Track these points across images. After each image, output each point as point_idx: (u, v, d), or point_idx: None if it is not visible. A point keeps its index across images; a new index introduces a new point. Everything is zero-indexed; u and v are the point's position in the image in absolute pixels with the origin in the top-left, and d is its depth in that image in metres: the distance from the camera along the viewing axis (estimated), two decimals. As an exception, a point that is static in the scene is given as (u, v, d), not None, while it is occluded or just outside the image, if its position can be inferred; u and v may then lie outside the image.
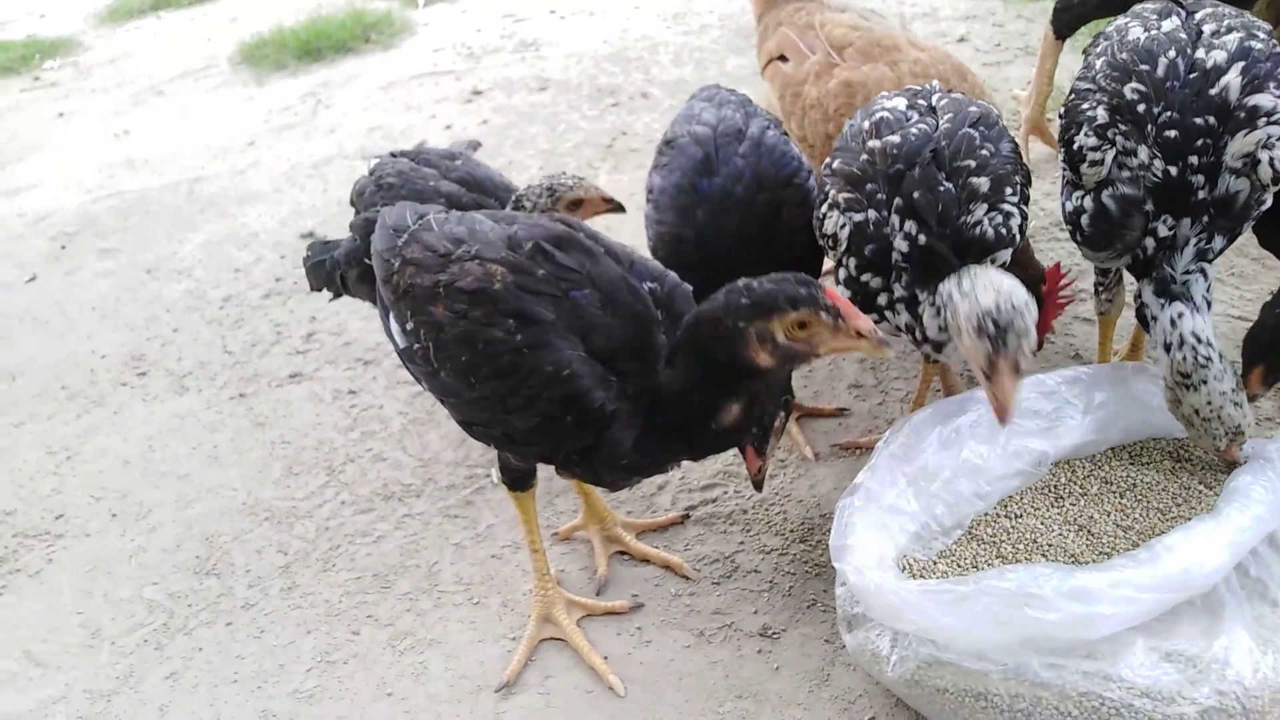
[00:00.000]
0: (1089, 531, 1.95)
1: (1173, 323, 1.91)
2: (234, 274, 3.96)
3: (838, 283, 2.11)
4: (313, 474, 2.86)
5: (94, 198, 4.87)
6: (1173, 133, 1.87)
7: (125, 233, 4.48)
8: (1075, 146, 2.03)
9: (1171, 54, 1.92)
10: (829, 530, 2.28)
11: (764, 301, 1.61)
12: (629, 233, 3.75)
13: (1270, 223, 2.09)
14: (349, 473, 2.84)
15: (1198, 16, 2.00)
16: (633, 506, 2.56)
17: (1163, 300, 1.93)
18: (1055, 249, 3.13)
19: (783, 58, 2.78)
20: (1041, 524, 2.00)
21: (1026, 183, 2.08)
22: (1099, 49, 2.08)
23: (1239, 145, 1.85)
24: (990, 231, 1.93)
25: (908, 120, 2.05)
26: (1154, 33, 1.98)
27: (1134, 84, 1.93)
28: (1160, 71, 1.91)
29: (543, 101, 5.04)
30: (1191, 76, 1.89)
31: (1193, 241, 1.91)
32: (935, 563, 1.98)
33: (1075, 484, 2.07)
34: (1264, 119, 1.84)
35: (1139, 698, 1.64)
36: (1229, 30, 1.93)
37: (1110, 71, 1.98)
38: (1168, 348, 1.92)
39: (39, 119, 6.21)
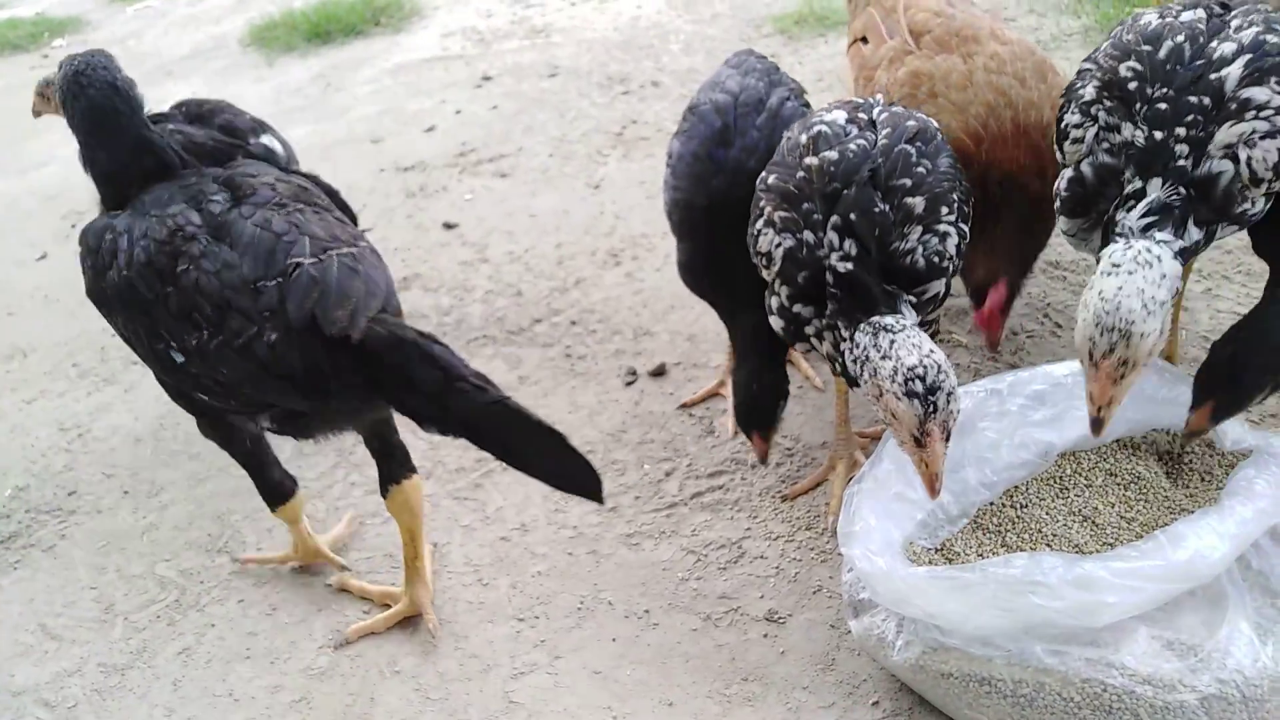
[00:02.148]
0: (1093, 522, 1.98)
1: (1128, 245, 1.75)
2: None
3: (770, 311, 2.06)
4: (323, 455, 2.88)
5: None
6: (1163, 106, 1.82)
7: (135, 213, 4.50)
8: (1061, 125, 2.00)
9: (1180, 39, 1.88)
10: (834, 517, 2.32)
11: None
12: (642, 213, 3.77)
13: (1266, 229, 2.01)
14: (359, 454, 2.86)
15: (1233, 10, 1.95)
16: (641, 492, 2.58)
17: (1121, 237, 1.79)
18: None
19: (864, 39, 2.74)
20: (1047, 514, 2.02)
21: (967, 199, 2.03)
22: (1110, 32, 2.06)
23: (1223, 135, 1.79)
24: (922, 261, 1.88)
25: (846, 135, 1.98)
26: (1168, 19, 1.94)
27: (1131, 62, 1.89)
28: (1162, 54, 1.87)
29: (553, 88, 5.04)
30: (1197, 63, 1.84)
31: (1156, 197, 1.79)
32: (941, 550, 2.00)
33: (1080, 475, 2.09)
34: (1252, 112, 1.78)
35: (1141, 685, 1.67)
36: (1250, 25, 1.88)
37: (1111, 50, 1.96)
38: (1113, 251, 1.76)
39: (48, 98, 6.22)
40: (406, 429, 2.91)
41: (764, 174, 2.07)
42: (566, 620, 2.27)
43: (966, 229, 2.01)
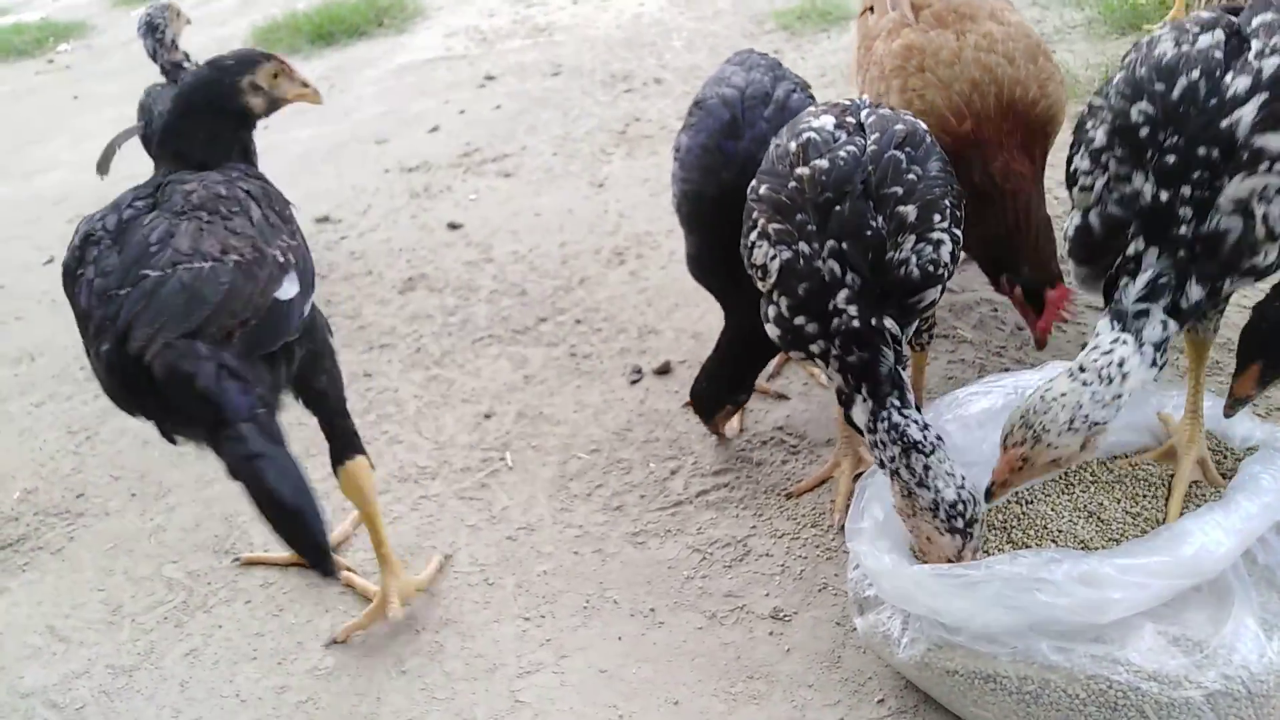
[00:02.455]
0: (1099, 518, 1.97)
1: (1112, 344, 1.71)
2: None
3: (767, 319, 2.02)
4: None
5: (110, 180, 4.89)
6: (1171, 158, 1.71)
7: (141, 216, 4.51)
8: (1071, 168, 1.92)
9: (1195, 75, 1.73)
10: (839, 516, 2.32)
11: (245, 57, 2.21)
12: (646, 211, 3.77)
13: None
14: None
15: (1254, 23, 1.76)
16: (646, 491, 2.59)
17: (1115, 325, 1.74)
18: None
19: (871, 9, 2.75)
20: (1052, 510, 2.02)
21: (958, 204, 2.01)
22: (1126, 60, 1.92)
23: (1234, 189, 1.66)
24: (916, 271, 1.87)
25: (835, 141, 1.95)
26: (1184, 49, 1.77)
27: (1143, 104, 1.76)
28: (1176, 94, 1.73)
29: (556, 87, 5.05)
30: (1211, 103, 1.69)
31: (1153, 273, 1.73)
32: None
33: (1085, 471, 2.09)
34: (1265, 164, 1.64)
35: (1146, 681, 1.66)
36: (1273, 52, 1.70)
37: (1124, 88, 1.82)
38: (1093, 349, 1.73)
39: (54, 102, 6.25)
40: (410, 427, 2.93)
41: (755, 183, 2.05)
42: (572, 619, 2.27)
43: (960, 233, 1.99)
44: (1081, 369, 1.71)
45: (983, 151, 2.34)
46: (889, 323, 1.87)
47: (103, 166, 3.63)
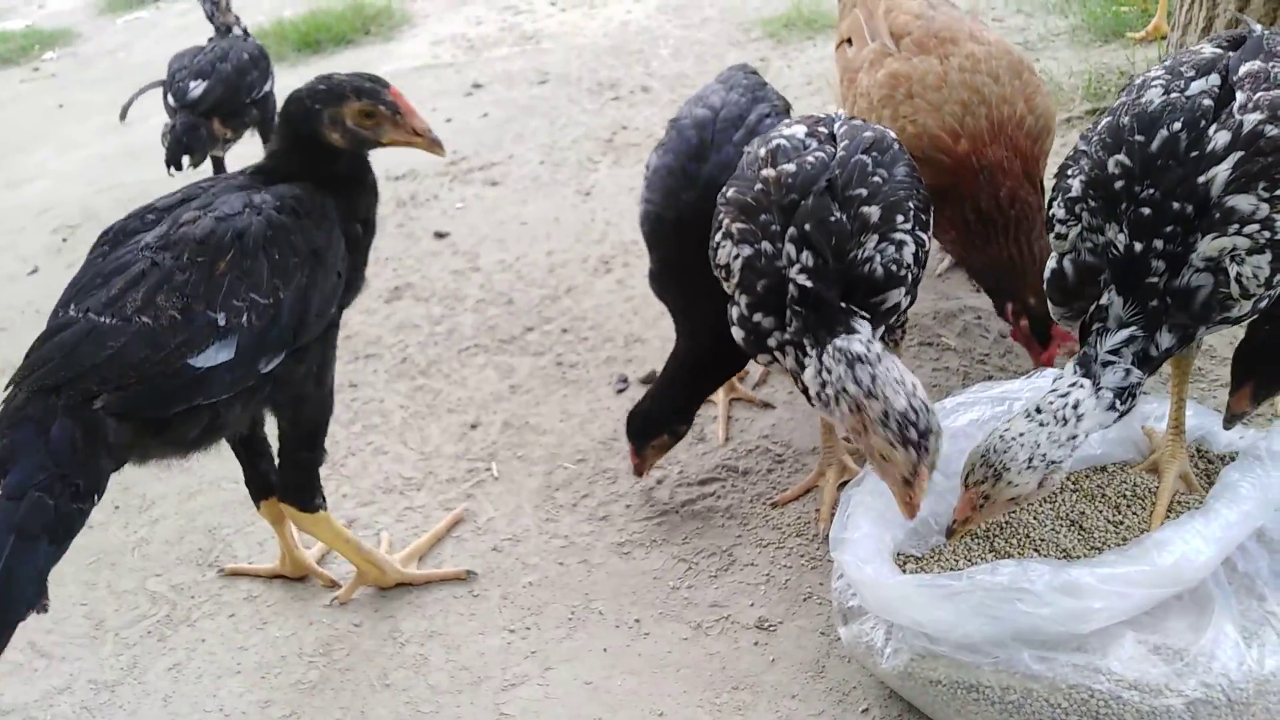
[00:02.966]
0: (1081, 527, 1.98)
1: (1069, 387, 1.73)
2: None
3: (731, 322, 2.04)
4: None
5: (96, 189, 4.89)
6: (1146, 210, 1.71)
7: (126, 225, 4.50)
8: (1050, 213, 1.93)
9: (1177, 127, 1.72)
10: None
11: (336, 89, 1.99)
12: (632, 220, 3.77)
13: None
14: (350, 466, 2.87)
15: (1241, 72, 1.77)
16: (632, 500, 2.59)
17: (1078, 370, 1.76)
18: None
19: (849, 41, 2.76)
20: (1035, 519, 2.02)
21: (925, 209, 2.03)
22: (1117, 103, 1.90)
23: (1206, 248, 1.68)
24: (880, 270, 1.89)
25: (805, 148, 1.99)
26: (1173, 96, 1.77)
27: (1121, 156, 1.76)
28: (1155, 146, 1.73)
29: (543, 95, 5.05)
30: (1191, 155, 1.70)
31: (1125, 331, 1.74)
32: (930, 558, 2.01)
33: (1068, 479, 2.09)
34: (1235, 225, 1.66)
35: (1127, 690, 1.67)
36: (1255, 108, 1.70)
37: (1105, 137, 1.82)
38: (1052, 390, 1.75)
39: (39, 110, 6.22)
40: (396, 438, 2.92)
41: (724, 188, 2.08)
42: (558, 631, 2.27)
43: (926, 238, 2.01)
44: (1039, 409, 1.73)
45: (991, 177, 2.36)
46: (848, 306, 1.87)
47: (123, 115, 4.39)
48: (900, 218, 1.93)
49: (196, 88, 3.93)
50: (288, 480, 2.25)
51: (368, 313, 3.55)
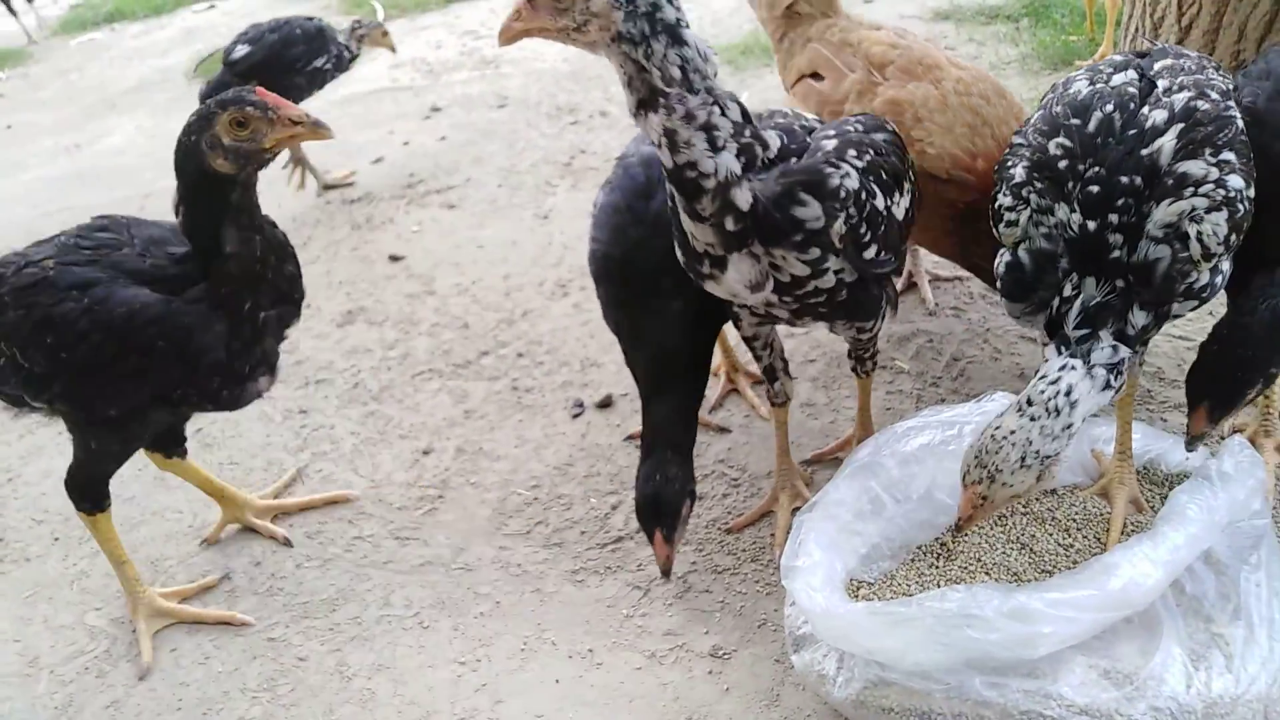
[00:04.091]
0: (1031, 550, 1.98)
1: (1059, 371, 1.72)
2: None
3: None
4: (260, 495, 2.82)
5: (42, 212, 4.78)
6: (1095, 188, 1.75)
7: (73, 249, 4.40)
8: (995, 206, 1.95)
9: (1109, 108, 1.80)
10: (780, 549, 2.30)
11: (203, 112, 1.93)
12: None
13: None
14: (297, 494, 2.80)
15: (1156, 67, 1.88)
16: (587, 527, 2.55)
17: (1061, 350, 1.77)
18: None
19: (815, 75, 2.73)
20: (986, 542, 2.02)
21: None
22: (1044, 100, 1.99)
23: (1162, 214, 1.72)
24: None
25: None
26: (1099, 86, 1.86)
27: (1060, 139, 1.82)
28: (1091, 127, 1.80)
29: (501, 118, 5.05)
30: (1129, 134, 1.76)
31: (1091, 299, 1.75)
32: (882, 583, 2.00)
33: (1019, 503, 2.10)
34: (1191, 188, 1.71)
35: (1078, 715, 1.67)
36: (1180, 89, 1.81)
37: (1040, 125, 1.87)
38: (1040, 378, 1.74)
39: (-14, 132, 6.10)
40: (346, 465, 2.86)
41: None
42: (509, 662, 2.22)
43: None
44: (1029, 402, 1.72)
45: None
46: None
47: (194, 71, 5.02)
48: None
49: (240, 50, 4.22)
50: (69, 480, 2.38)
51: (319, 337, 3.49)
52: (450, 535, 2.60)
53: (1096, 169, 1.76)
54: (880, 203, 1.95)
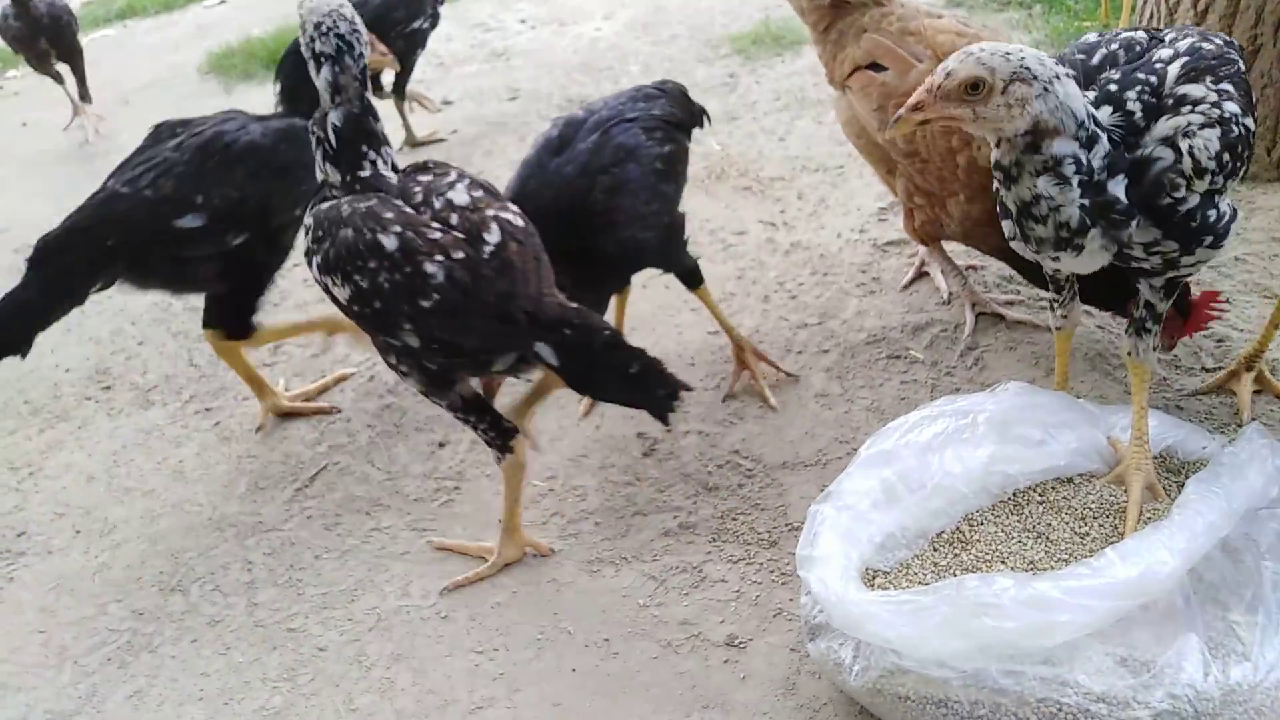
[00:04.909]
0: (1047, 539, 1.98)
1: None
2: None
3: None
4: (279, 488, 2.84)
5: (59, 208, 4.78)
6: (1113, 86, 1.87)
7: (90, 245, 4.43)
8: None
9: (1115, 47, 1.95)
10: (795, 538, 2.31)
11: None
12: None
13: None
14: (316, 486, 2.83)
15: (1160, 32, 2.03)
16: (602, 518, 2.56)
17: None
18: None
19: (874, 66, 2.67)
20: (1002, 532, 2.02)
21: None
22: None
23: (1160, 129, 1.82)
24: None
25: None
26: (1107, 35, 2.02)
27: (1066, 69, 1.87)
28: (1096, 60, 1.95)
29: (513, 111, 5.04)
30: (1139, 59, 1.92)
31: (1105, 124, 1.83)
32: (898, 572, 2.00)
33: (1035, 490, 2.10)
34: (1188, 106, 1.82)
35: (1095, 703, 1.67)
36: (1186, 36, 1.96)
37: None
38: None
39: (2, 129, 6.14)
40: (362, 457, 2.88)
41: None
42: (526, 652, 2.24)
43: None
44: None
45: None
46: None
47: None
48: None
49: None
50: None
51: (335, 331, 3.51)
52: (467, 526, 2.61)
53: (1107, 77, 1.90)
54: None
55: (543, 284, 2.15)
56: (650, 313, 3.29)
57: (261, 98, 5.81)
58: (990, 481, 2.09)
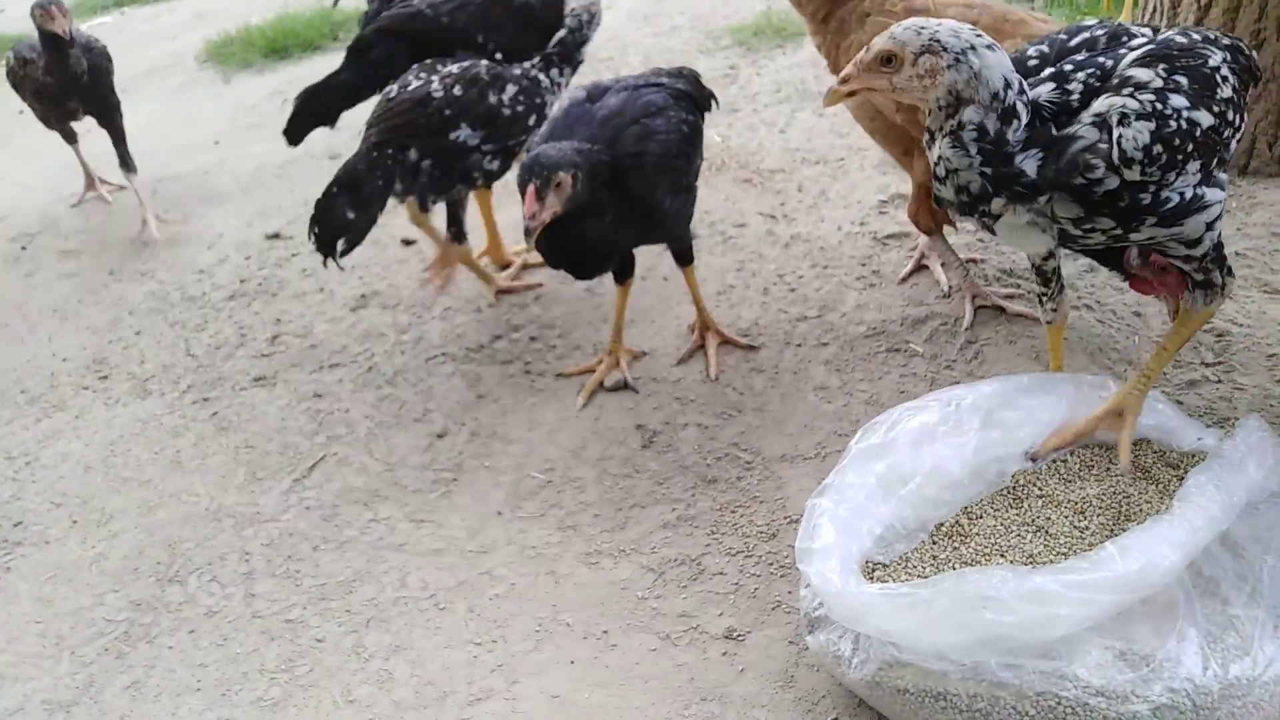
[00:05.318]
0: (1047, 532, 1.98)
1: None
2: (198, 275, 3.92)
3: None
4: (277, 479, 2.84)
5: (56, 197, 4.80)
6: (1070, 66, 1.88)
7: (87, 234, 4.43)
8: None
9: (1099, 31, 1.95)
10: (794, 531, 2.31)
11: None
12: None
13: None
14: (314, 477, 2.82)
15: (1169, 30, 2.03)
16: (601, 510, 2.56)
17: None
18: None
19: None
20: (1001, 525, 2.02)
21: None
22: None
23: (1099, 104, 1.81)
24: None
25: None
26: (1100, 23, 2.01)
27: (1041, 45, 1.96)
28: (1074, 42, 1.94)
29: (512, 102, 5.02)
30: (1108, 50, 1.90)
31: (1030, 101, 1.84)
32: (898, 565, 1.99)
33: (1034, 485, 2.09)
34: (1130, 89, 1.80)
35: (1094, 696, 1.67)
36: (1170, 31, 1.94)
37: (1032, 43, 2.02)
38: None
39: (0, 116, 6.11)
40: (361, 448, 2.87)
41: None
42: (524, 644, 2.24)
43: None
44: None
45: None
46: None
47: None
48: None
49: None
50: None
51: (333, 321, 3.50)
52: (465, 518, 2.61)
53: (1068, 60, 1.90)
54: None
55: None
56: (651, 305, 3.28)
57: (260, 87, 5.80)
58: (982, 465, 2.09)
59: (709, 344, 2.99)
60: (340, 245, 2.96)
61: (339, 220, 2.92)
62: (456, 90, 2.96)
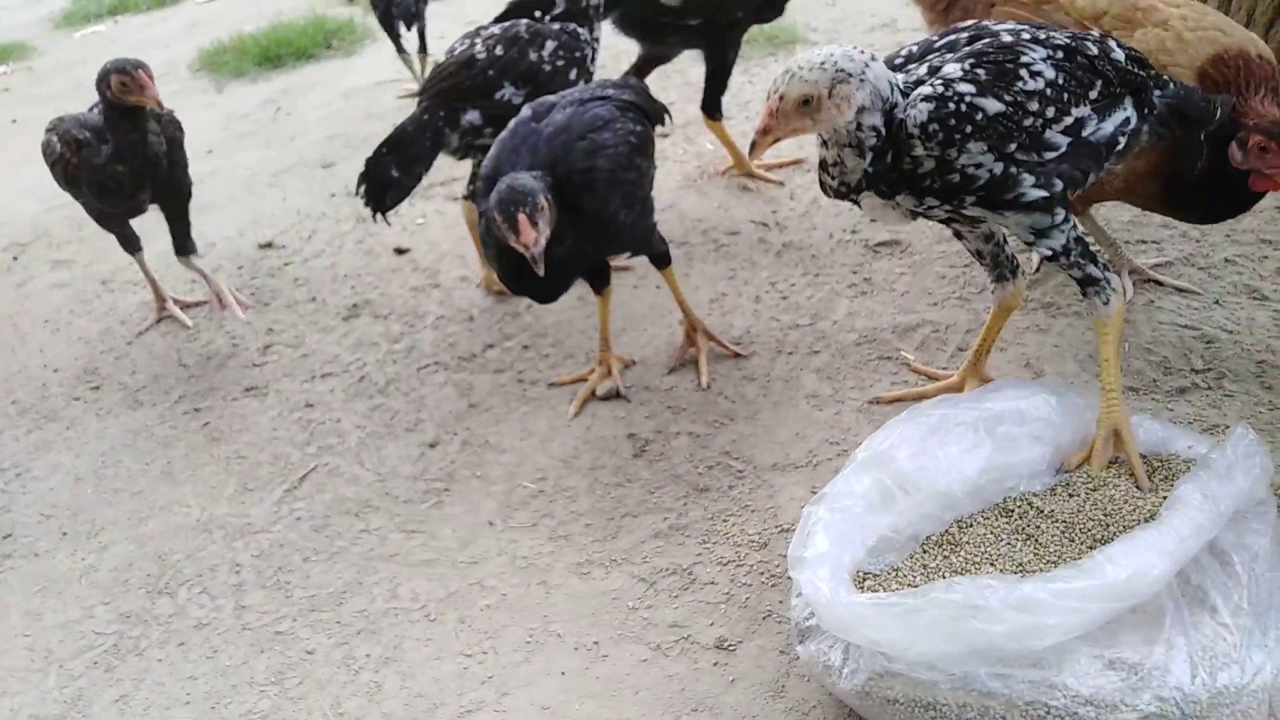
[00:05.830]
0: (1036, 540, 1.98)
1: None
2: (190, 285, 3.91)
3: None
4: (268, 489, 2.83)
5: (48, 207, 4.79)
6: (912, 64, 2.08)
7: (79, 243, 4.42)
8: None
9: (961, 35, 2.08)
10: (786, 540, 2.31)
11: None
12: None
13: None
14: (305, 488, 2.82)
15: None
16: (593, 520, 2.56)
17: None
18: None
19: None
20: (991, 534, 2.02)
21: None
22: None
23: (913, 95, 1.98)
24: None
25: None
26: (985, 26, 2.12)
27: (911, 46, 2.13)
28: (940, 42, 2.10)
29: (505, 110, 5.02)
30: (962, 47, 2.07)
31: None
32: (889, 575, 1.99)
33: (1025, 499, 2.09)
34: (937, 80, 1.97)
35: (1083, 706, 1.67)
36: (1060, 32, 2.08)
37: None
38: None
39: (-8, 127, 6.11)
40: (352, 458, 2.87)
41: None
42: (515, 655, 2.23)
43: None
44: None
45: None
46: None
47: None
48: None
49: None
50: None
51: (325, 331, 3.50)
52: (456, 528, 2.60)
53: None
54: None
55: None
56: (642, 313, 3.28)
57: (252, 96, 5.80)
58: (985, 486, 2.09)
59: (699, 350, 2.99)
60: (387, 200, 3.08)
61: (385, 178, 3.06)
62: (498, 50, 3.05)
